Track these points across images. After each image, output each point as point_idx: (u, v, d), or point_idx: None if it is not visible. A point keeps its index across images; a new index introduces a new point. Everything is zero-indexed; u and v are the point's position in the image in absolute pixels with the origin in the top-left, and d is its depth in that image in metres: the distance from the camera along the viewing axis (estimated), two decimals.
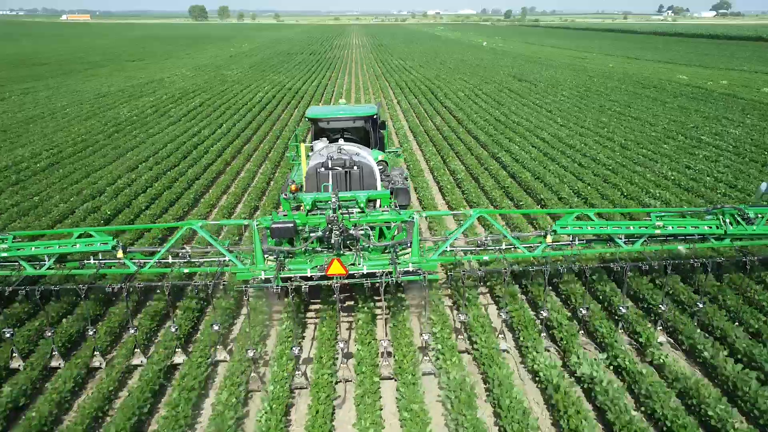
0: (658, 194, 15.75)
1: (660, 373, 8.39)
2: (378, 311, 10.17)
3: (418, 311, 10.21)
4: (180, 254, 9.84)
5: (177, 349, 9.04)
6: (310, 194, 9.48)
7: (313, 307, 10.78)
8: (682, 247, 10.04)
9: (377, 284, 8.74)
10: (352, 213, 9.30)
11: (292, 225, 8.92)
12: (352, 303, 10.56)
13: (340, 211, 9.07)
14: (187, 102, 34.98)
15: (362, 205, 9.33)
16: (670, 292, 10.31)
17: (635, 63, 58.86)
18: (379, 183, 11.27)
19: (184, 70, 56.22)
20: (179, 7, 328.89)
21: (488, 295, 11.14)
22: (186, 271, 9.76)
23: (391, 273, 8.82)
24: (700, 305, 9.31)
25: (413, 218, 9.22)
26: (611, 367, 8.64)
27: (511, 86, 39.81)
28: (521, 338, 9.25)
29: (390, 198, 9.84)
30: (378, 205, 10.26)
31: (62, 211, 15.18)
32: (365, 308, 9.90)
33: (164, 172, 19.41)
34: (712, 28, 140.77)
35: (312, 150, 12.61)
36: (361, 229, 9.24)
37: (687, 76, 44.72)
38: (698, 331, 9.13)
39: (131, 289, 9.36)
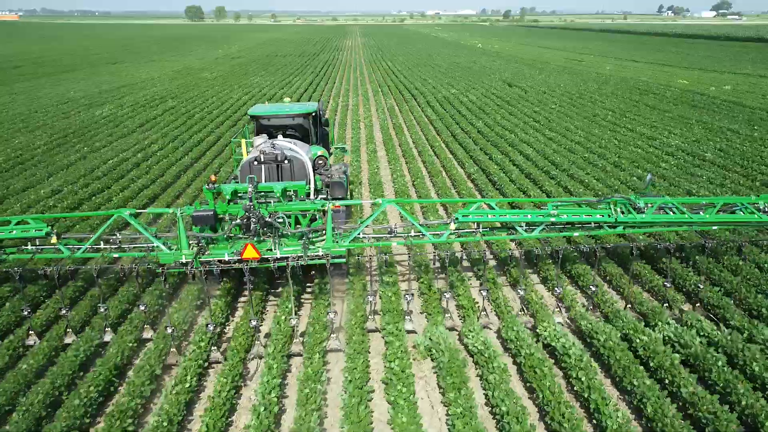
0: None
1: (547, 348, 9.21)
2: (307, 294, 11.25)
3: (343, 293, 10.92)
4: (111, 240, 10.54)
5: (107, 329, 9.64)
6: (229, 185, 10.19)
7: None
8: (577, 234, 11.01)
9: (301, 267, 9.80)
10: (270, 202, 10.03)
11: (211, 213, 9.82)
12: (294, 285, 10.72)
13: (259, 200, 9.92)
14: (150, 110, 32.53)
15: (278, 195, 10.07)
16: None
17: (633, 66, 56.34)
18: (311, 176, 11.87)
19: (162, 73, 53.82)
20: (179, 7, 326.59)
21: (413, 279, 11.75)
22: (115, 255, 10.47)
23: (302, 257, 9.72)
24: (593, 288, 10.48)
25: (326, 207, 9.99)
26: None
27: (500, 92, 37.30)
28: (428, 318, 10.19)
29: (309, 190, 11.28)
30: (312, 195, 11.64)
31: None
32: (294, 291, 10.45)
33: (89, 196, 16.93)
34: (713, 28, 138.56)
35: (253, 146, 12.98)
36: (278, 218, 10.05)
37: (687, 80, 42.21)
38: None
39: (63, 273, 10.15)
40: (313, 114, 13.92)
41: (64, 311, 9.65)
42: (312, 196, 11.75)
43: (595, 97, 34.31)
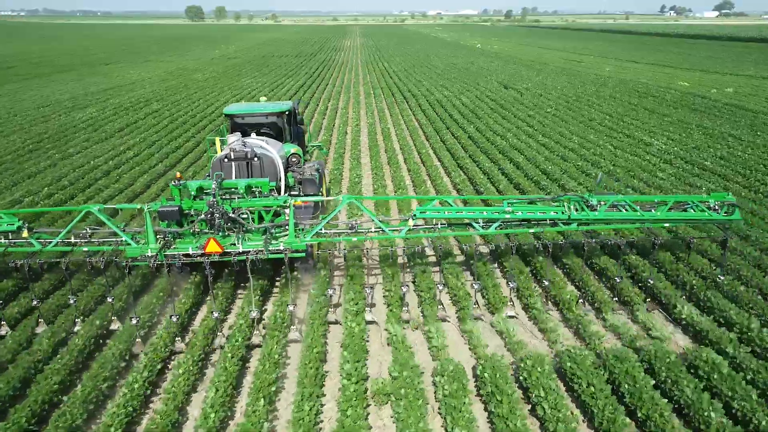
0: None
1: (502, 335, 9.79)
2: (276, 288, 11.62)
3: (308, 286, 11.18)
4: (81, 234, 10.74)
5: (77, 320, 9.95)
6: (195, 182, 10.39)
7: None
8: (532, 230, 11.24)
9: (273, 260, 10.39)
10: (234, 199, 10.24)
11: (177, 209, 10.03)
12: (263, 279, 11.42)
13: (223, 196, 10.15)
14: (133, 113, 31.58)
15: (242, 191, 10.26)
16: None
17: (633, 67, 55.23)
18: (281, 173, 12.28)
19: (154, 74, 52.92)
20: (179, 7, 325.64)
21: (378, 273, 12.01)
22: (85, 249, 10.59)
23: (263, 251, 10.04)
24: (546, 282, 10.86)
25: (288, 203, 10.34)
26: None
27: (495, 95, 36.25)
28: (391, 311, 10.43)
29: (280, 186, 12.09)
30: (283, 191, 12.22)
31: None
32: (262, 285, 11.09)
33: (52, 206, 15.94)
34: (716, 28, 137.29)
35: (226, 144, 12.97)
36: (242, 213, 10.23)
37: (689, 82, 41.13)
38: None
39: (34, 266, 10.59)
40: (287, 113, 14.29)
41: (35, 302, 10.09)
42: (283, 193, 12.23)
43: (592, 100, 33.24)
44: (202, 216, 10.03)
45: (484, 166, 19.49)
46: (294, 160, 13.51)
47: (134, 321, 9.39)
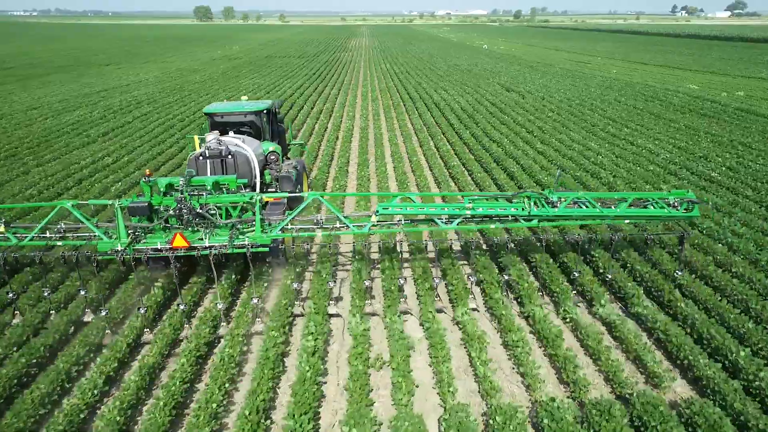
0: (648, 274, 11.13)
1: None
2: (246, 282, 11.75)
3: (280, 280, 11.34)
4: (57, 230, 10.94)
5: (51, 311, 10.29)
6: (165, 179, 10.62)
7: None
8: (494, 225, 11.37)
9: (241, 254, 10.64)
10: (203, 195, 10.51)
11: (146, 205, 10.40)
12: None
13: (191, 193, 10.45)
14: (121, 116, 30.74)
15: (209, 187, 10.60)
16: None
17: (641, 69, 53.79)
18: (256, 170, 12.62)
19: (152, 76, 52.16)
20: (190, 8, 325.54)
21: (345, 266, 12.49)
22: (59, 243, 10.86)
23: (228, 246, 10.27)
24: (506, 276, 11.05)
25: (254, 200, 10.45)
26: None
27: (496, 98, 35.05)
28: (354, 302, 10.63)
29: (255, 183, 12.60)
30: (259, 188, 12.70)
31: None
32: (230, 278, 11.37)
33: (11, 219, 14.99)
34: (727, 29, 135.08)
35: (205, 142, 13.14)
36: (210, 209, 10.50)
37: (698, 85, 39.74)
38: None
39: (9, 259, 11.11)
40: (265, 111, 14.53)
41: (10, 295, 10.33)
42: (259, 190, 12.65)
43: (596, 105, 31.97)
44: (171, 212, 10.38)
45: (476, 176, 18.36)
46: (272, 158, 13.95)
47: (104, 312, 9.84)
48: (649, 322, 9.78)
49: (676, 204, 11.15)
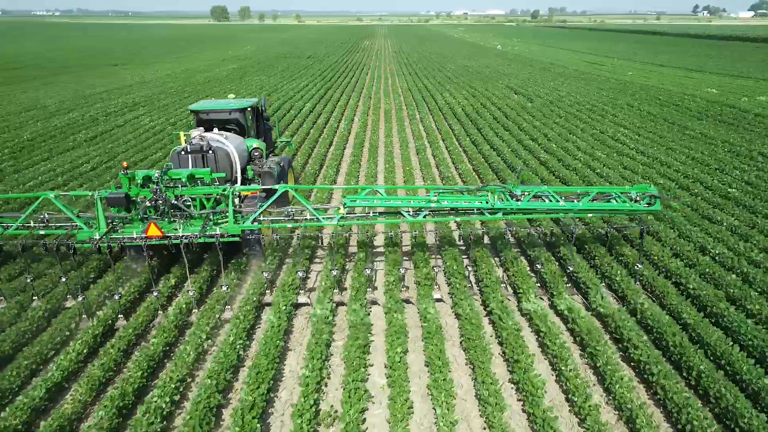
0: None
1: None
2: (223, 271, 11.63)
3: (256, 270, 11.57)
4: (41, 219, 11.35)
5: (34, 298, 10.64)
6: (142, 171, 11.16)
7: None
8: (459, 219, 11.94)
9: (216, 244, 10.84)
10: (179, 187, 11.11)
11: (123, 196, 11.08)
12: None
13: (167, 185, 11.07)
14: (114, 119, 29.91)
15: (184, 180, 11.11)
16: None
17: (658, 71, 51.83)
18: (237, 165, 13.08)
19: (156, 76, 51.49)
20: (205, 8, 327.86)
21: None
22: (42, 232, 11.28)
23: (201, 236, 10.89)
24: (469, 268, 11.39)
25: (227, 192, 11.08)
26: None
27: (502, 101, 33.59)
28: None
29: (236, 177, 13.12)
30: (240, 183, 13.17)
31: None
32: (207, 267, 11.71)
33: None
34: (750, 29, 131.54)
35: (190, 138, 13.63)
36: (185, 201, 11.19)
37: (717, 89, 37.86)
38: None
39: None
40: (249, 109, 14.99)
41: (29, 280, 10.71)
42: (239, 183, 13.20)
43: (607, 110, 30.38)
44: (147, 203, 10.95)
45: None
46: (256, 154, 14.52)
47: (80, 298, 10.10)
48: (609, 317, 9.82)
49: (638, 198, 11.46)
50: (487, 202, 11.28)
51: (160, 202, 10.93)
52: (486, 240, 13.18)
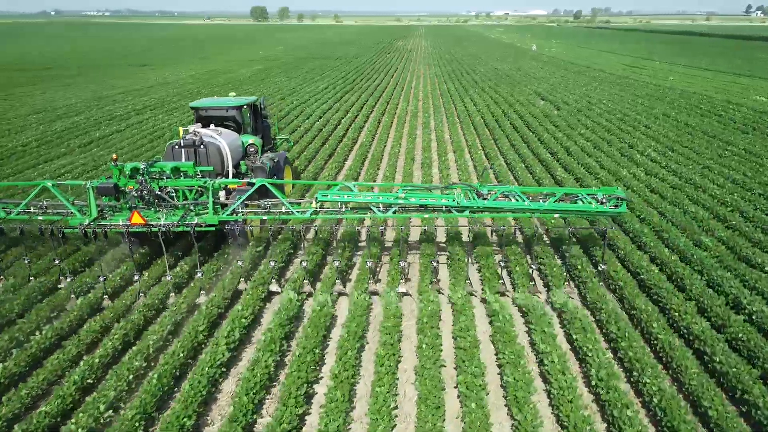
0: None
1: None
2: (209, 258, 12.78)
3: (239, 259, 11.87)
4: (39, 206, 12.34)
5: (31, 278, 11.58)
6: (130, 164, 11.84)
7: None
8: (427, 216, 12.45)
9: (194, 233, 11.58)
10: (163, 179, 11.80)
11: (112, 186, 11.72)
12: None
13: (152, 176, 11.74)
14: (116, 124, 28.99)
15: (168, 172, 11.76)
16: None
17: (702, 76, 48.30)
18: (228, 160, 13.88)
19: (178, 77, 50.93)
20: (248, 8, 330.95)
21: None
22: (40, 218, 12.12)
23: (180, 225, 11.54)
24: (434, 264, 11.48)
25: (207, 184, 11.67)
26: None
27: (526, 109, 31.21)
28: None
29: (228, 171, 13.93)
30: (231, 176, 14.03)
31: None
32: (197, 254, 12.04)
33: None
34: None
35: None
36: (168, 192, 11.84)
37: (767, 96, 34.55)
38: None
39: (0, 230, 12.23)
40: (245, 106, 15.69)
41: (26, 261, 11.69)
42: (230, 177, 13.82)
43: (640, 120, 27.72)
44: (133, 193, 11.60)
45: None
46: (251, 150, 15.12)
47: (69, 279, 11.09)
48: (564, 311, 10.10)
49: (604, 200, 11.52)
50: (453, 200, 11.53)
51: (145, 192, 11.59)
52: (519, 237, 13.46)
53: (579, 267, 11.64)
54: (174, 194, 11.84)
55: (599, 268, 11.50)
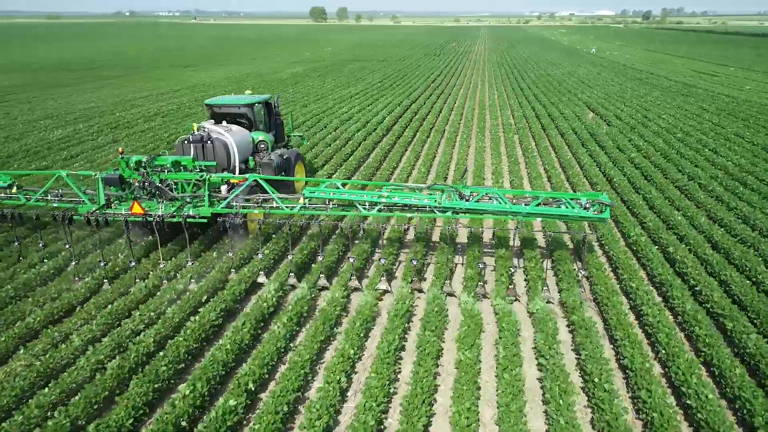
0: None
1: None
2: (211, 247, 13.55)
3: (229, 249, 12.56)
4: (55, 194, 13.19)
5: (44, 260, 12.50)
6: (135, 156, 12.33)
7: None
8: (411, 215, 12.52)
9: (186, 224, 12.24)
10: (164, 171, 12.40)
11: (117, 177, 12.27)
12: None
13: (154, 169, 12.35)
14: (120, 131, 27.19)
15: (169, 166, 12.31)
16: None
17: None
18: (235, 155, 14.30)
19: (214, 80, 49.47)
20: (305, 8, 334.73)
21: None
22: (55, 205, 13.04)
23: (175, 216, 12.21)
24: (414, 262, 11.97)
25: (203, 178, 12.22)
26: None
27: (569, 124, 27.26)
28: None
29: (234, 167, 14.44)
30: (238, 172, 14.54)
31: None
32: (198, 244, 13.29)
33: None
34: None
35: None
36: (168, 184, 12.41)
37: None
38: None
39: (16, 214, 12.93)
40: (259, 104, 16.12)
41: (16, 243, 12.93)
42: (236, 173, 14.32)
43: (706, 142, 23.30)
44: (136, 184, 12.33)
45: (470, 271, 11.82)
46: (262, 146, 15.65)
47: (74, 263, 12.09)
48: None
49: (587, 205, 11.26)
50: (435, 201, 11.59)
51: (147, 184, 12.20)
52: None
53: None
54: (174, 187, 12.37)
55: (580, 273, 11.43)
